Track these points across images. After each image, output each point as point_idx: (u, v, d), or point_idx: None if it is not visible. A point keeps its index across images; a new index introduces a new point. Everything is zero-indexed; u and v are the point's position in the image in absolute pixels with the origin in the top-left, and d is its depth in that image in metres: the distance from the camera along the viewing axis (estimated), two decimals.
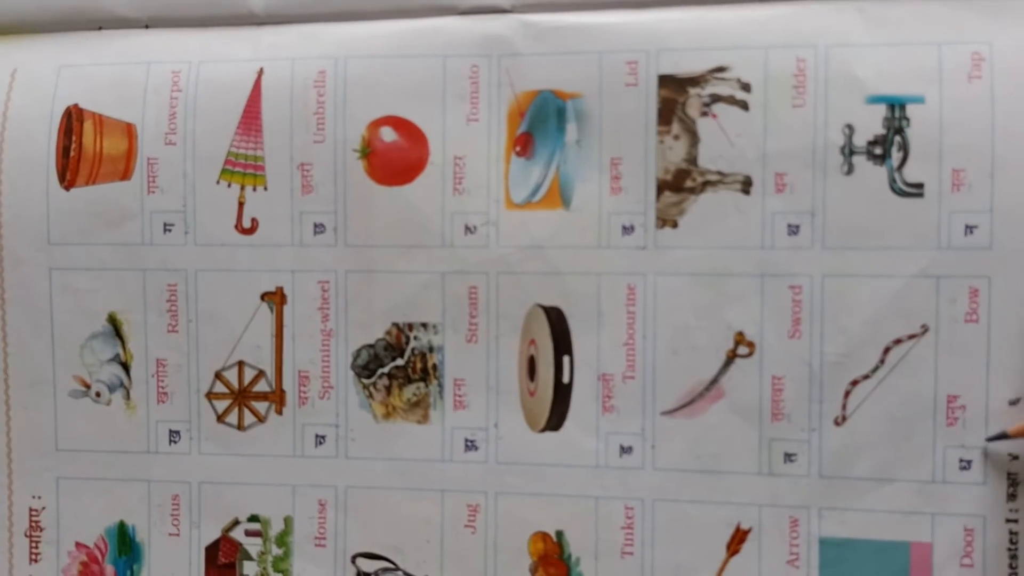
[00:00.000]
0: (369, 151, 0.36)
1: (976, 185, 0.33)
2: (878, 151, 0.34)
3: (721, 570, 0.35)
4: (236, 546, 0.37)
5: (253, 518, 0.37)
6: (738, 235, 0.34)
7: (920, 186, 0.33)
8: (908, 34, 0.34)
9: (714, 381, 0.35)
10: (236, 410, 0.37)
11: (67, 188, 0.37)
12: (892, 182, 0.33)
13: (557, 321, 0.35)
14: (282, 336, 0.37)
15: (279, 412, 0.37)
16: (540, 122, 0.35)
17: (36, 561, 0.38)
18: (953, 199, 0.33)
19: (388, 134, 0.36)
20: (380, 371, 0.36)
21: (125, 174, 0.37)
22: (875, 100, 0.33)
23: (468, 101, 0.36)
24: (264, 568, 0.37)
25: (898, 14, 0.34)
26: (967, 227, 0.33)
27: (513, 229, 0.35)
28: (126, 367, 0.37)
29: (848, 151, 0.34)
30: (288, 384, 0.37)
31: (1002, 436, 0.33)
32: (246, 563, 0.37)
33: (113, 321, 0.37)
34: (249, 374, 0.37)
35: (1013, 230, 0.33)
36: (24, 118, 0.37)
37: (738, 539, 0.35)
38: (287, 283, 0.36)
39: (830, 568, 0.34)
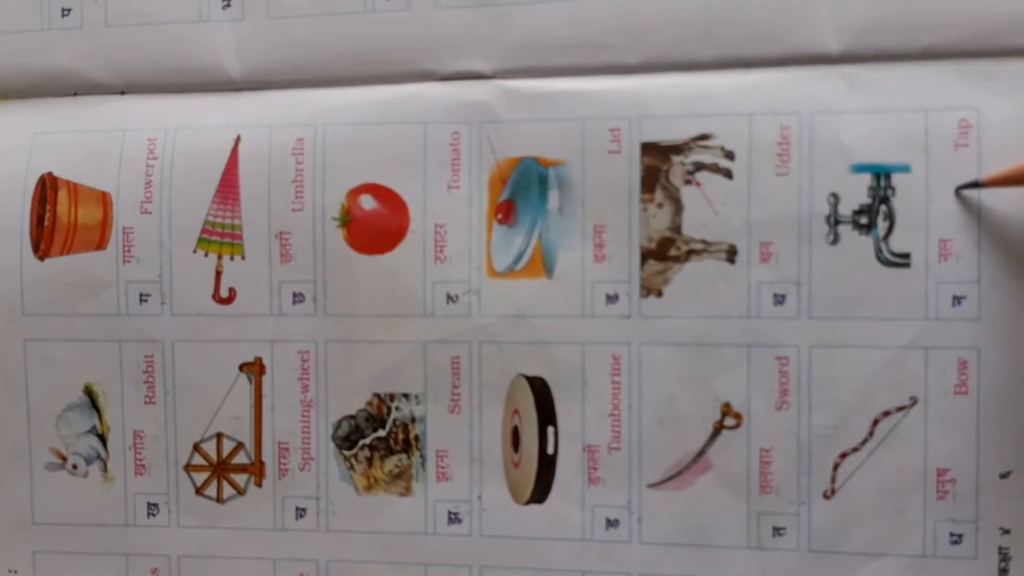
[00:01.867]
0: (348, 219, 0.35)
1: (963, 255, 0.32)
2: (864, 220, 0.33)
3: None
4: None
5: None
6: (723, 304, 0.34)
7: (907, 256, 0.33)
8: (894, 100, 0.33)
9: (701, 453, 0.34)
10: (215, 482, 0.36)
11: (41, 258, 0.36)
12: (878, 252, 0.33)
13: (541, 391, 0.35)
14: (261, 407, 0.36)
15: (259, 484, 0.36)
16: (522, 189, 0.35)
17: None
18: (940, 269, 0.33)
19: (368, 202, 0.35)
20: (361, 442, 0.36)
21: (100, 243, 0.36)
22: (860, 169, 0.33)
23: (449, 168, 0.35)
24: None
25: (884, 80, 0.33)
26: (955, 298, 0.33)
27: (495, 298, 0.35)
28: (103, 439, 0.37)
29: (833, 220, 0.33)
30: (268, 456, 0.36)
31: (974, 184, 0.32)
32: None
33: (89, 392, 0.36)
34: (228, 446, 0.36)
35: (1001, 301, 0.32)
36: None
37: None
38: (266, 353, 0.36)
39: None
